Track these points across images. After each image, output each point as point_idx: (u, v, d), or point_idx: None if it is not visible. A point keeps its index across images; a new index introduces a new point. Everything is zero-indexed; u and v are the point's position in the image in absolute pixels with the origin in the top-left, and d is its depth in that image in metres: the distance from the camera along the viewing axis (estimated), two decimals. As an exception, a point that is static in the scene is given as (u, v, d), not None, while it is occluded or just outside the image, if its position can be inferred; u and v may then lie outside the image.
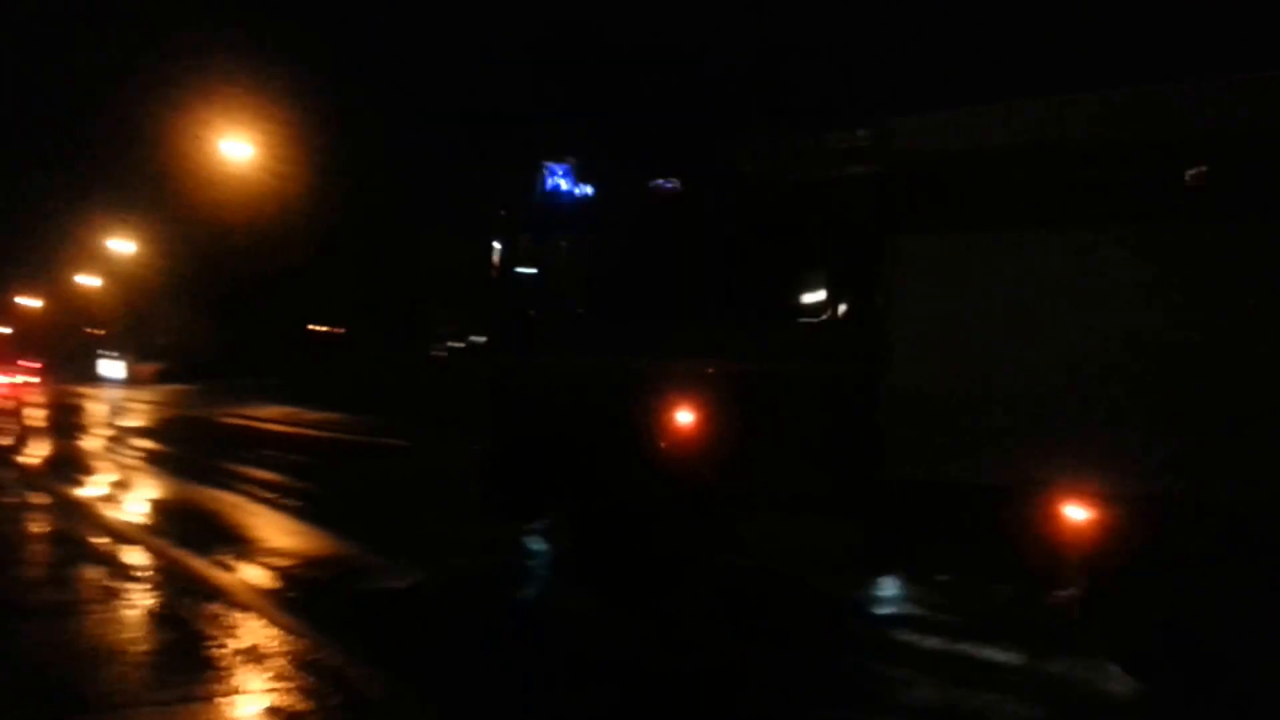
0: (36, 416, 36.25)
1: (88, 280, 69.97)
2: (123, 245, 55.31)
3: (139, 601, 8.41)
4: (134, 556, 10.36)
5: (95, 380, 67.33)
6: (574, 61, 29.71)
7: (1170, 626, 6.65)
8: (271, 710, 5.98)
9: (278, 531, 11.99)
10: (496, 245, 9.86)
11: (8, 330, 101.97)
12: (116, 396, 49.23)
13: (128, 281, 64.20)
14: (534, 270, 9.88)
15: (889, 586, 9.40)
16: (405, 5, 50.18)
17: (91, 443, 25.18)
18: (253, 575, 9.55)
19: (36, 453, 22.96)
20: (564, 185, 9.53)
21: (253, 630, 7.59)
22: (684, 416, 8.56)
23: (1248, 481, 6.35)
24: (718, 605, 8.90)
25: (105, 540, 11.33)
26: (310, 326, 45.79)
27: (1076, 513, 6.80)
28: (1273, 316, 6.30)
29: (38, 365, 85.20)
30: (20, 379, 73.36)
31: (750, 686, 6.89)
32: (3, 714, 5.82)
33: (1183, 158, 6.59)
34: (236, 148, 34.10)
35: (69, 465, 19.69)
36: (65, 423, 32.18)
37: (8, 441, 26.41)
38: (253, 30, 41.79)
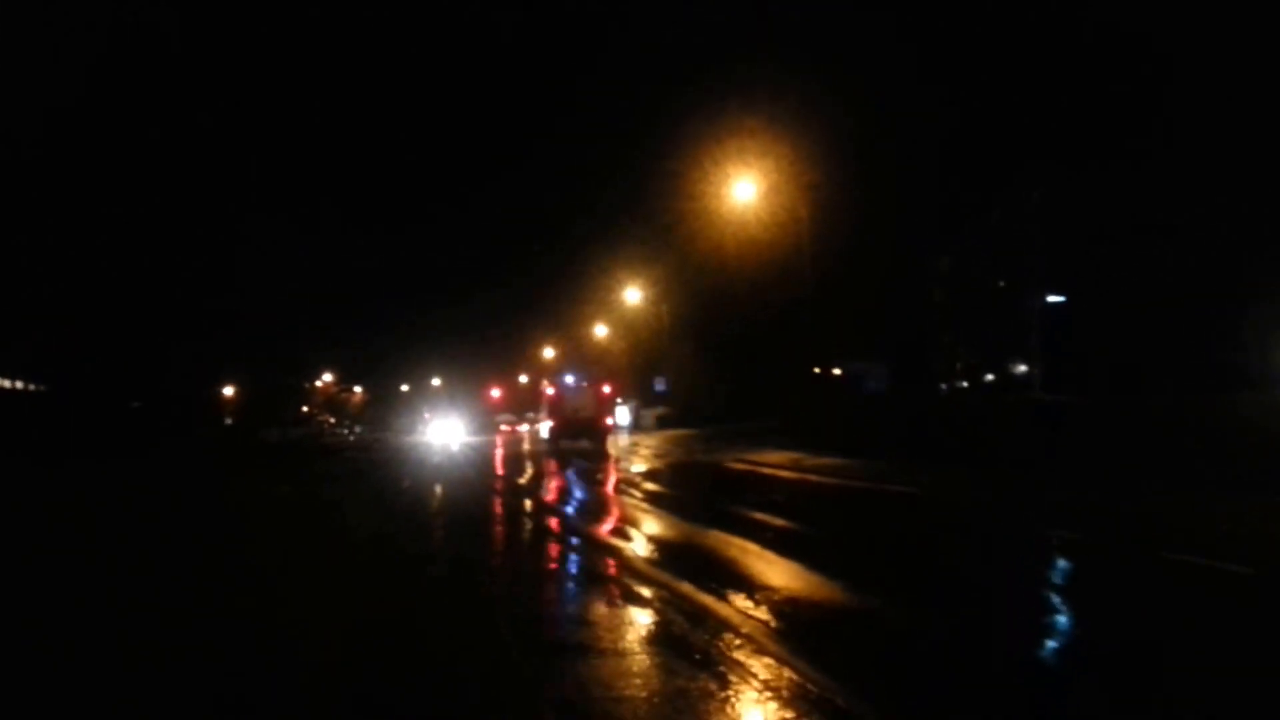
0: (550, 459, 39.64)
1: (599, 330, 75.69)
2: (632, 294, 59.36)
3: (654, 638, 8.85)
4: (647, 591, 10.92)
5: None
6: None
7: None
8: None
9: (784, 576, 11.99)
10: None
11: (525, 379, 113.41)
12: (622, 442, 52.72)
13: (635, 330, 68.81)
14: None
15: None
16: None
17: (599, 484, 26.96)
18: (762, 615, 9.56)
19: (549, 491, 24.95)
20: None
21: (763, 669, 7.63)
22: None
23: None
24: None
25: (619, 576, 12.08)
26: (813, 369, 46.53)
27: None
28: None
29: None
30: (524, 427, 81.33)
31: None
32: None
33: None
34: (740, 188, 35.51)
35: (580, 503, 21.15)
36: (573, 464, 34.84)
37: (524, 481, 29.00)
38: (756, 71, 43.54)
